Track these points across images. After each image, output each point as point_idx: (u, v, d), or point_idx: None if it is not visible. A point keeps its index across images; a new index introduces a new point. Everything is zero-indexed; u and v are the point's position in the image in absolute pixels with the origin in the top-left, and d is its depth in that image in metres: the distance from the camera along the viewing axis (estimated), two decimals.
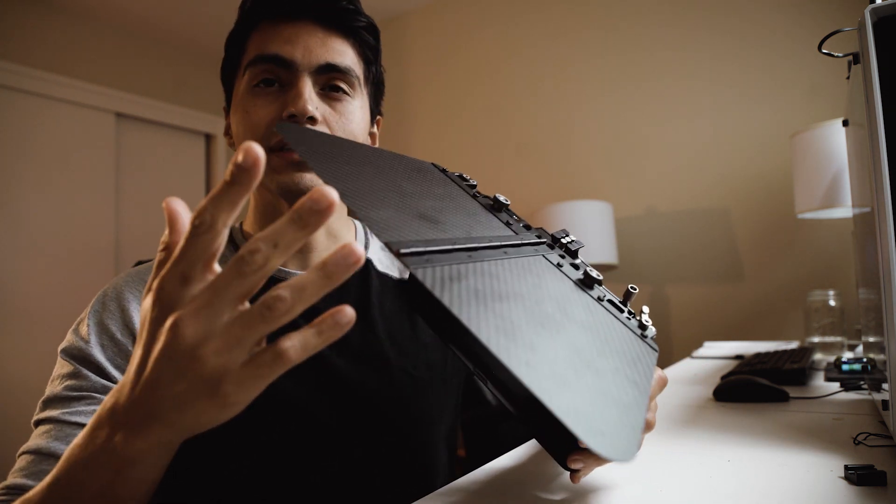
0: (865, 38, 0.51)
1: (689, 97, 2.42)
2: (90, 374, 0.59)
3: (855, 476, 0.48)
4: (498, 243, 0.44)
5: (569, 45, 2.73)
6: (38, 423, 0.58)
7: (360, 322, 0.69)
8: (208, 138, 3.70)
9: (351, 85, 0.67)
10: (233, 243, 0.71)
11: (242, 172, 0.31)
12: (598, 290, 0.49)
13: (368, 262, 0.74)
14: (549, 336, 0.36)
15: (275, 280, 0.67)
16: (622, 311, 0.50)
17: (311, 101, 0.63)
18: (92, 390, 0.58)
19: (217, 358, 0.32)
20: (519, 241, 0.48)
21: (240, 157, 0.31)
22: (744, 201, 2.29)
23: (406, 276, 0.76)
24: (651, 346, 0.48)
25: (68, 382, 0.58)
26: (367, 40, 0.69)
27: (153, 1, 3.00)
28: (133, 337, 0.61)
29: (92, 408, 0.56)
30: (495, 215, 0.53)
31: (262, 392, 0.33)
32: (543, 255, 0.49)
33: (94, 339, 0.60)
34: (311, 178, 0.64)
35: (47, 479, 0.39)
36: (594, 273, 0.50)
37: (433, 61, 3.14)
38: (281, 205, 0.67)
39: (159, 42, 3.41)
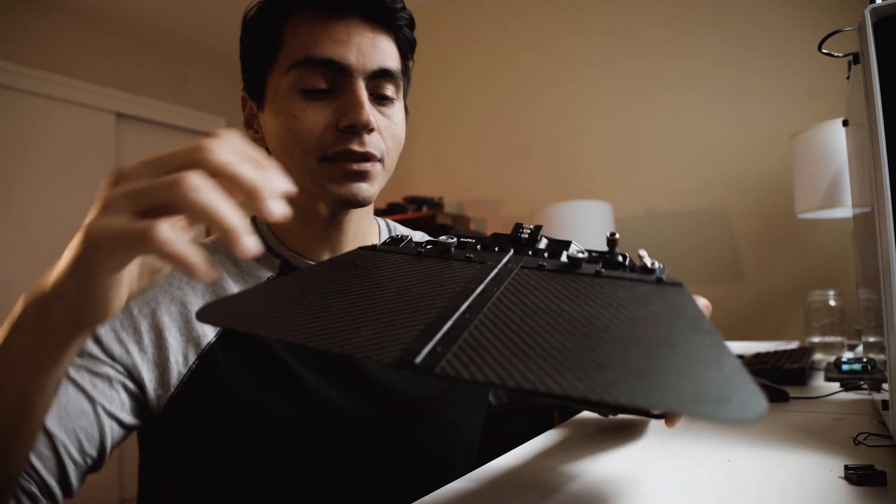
0: (865, 38, 0.51)
1: (689, 97, 2.42)
2: (90, 343, 0.57)
3: (855, 476, 0.48)
4: (479, 286, 0.41)
5: (569, 46, 2.73)
6: None
7: None
8: None
9: (397, 87, 0.66)
10: (257, 231, 0.70)
11: (232, 241, 0.32)
12: (588, 267, 0.45)
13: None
14: (600, 341, 0.34)
15: (290, 267, 0.67)
16: (622, 267, 0.45)
17: (371, 110, 0.61)
18: (84, 360, 0.57)
19: (101, 214, 0.33)
20: (493, 270, 0.44)
21: (244, 247, 0.32)
22: (744, 201, 2.29)
23: None
24: (673, 284, 0.42)
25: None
26: (408, 36, 0.67)
27: (153, 1, 3.00)
28: (151, 315, 0.60)
29: (82, 370, 0.56)
30: (449, 259, 0.48)
31: (290, 384, 0.33)
32: (523, 267, 0.45)
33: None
34: (366, 188, 0.63)
35: None
36: (575, 251, 0.47)
37: (434, 63, 3.14)
38: (318, 206, 0.66)
39: (159, 42, 3.41)
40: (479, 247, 0.50)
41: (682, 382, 0.30)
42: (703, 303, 0.48)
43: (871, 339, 0.73)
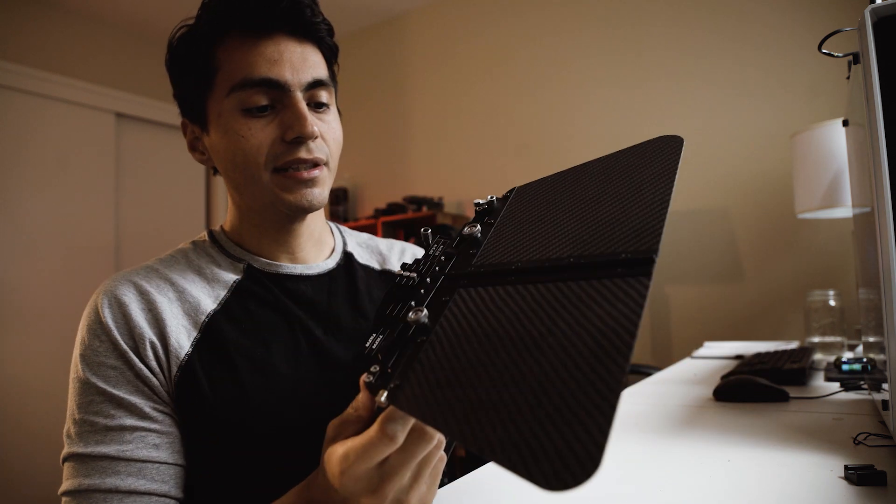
0: (865, 38, 0.51)
1: (689, 97, 2.42)
2: (126, 370, 0.60)
3: (855, 476, 0.48)
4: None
5: (569, 46, 2.73)
6: (88, 457, 0.58)
7: (351, 309, 0.72)
8: None
9: (330, 93, 0.69)
10: (215, 242, 0.73)
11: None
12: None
13: (350, 255, 0.78)
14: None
15: (283, 277, 0.70)
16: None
17: (310, 119, 0.65)
18: (133, 397, 0.60)
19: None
20: (431, 291, 0.44)
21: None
22: (744, 201, 2.29)
23: (386, 267, 0.79)
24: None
25: (107, 411, 0.60)
26: (330, 44, 0.71)
27: (153, 1, 3.01)
28: (133, 334, 0.62)
29: (137, 433, 0.59)
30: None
31: (266, 379, 0.34)
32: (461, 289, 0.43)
33: (117, 327, 0.61)
34: (317, 193, 0.66)
35: None
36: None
37: (433, 61, 3.14)
38: (274, 214, 0.69)
39: (159, 42, 3.41)
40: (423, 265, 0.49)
41: (509, 425, 0.29)
42: None
43: (871, 339, 0.73)
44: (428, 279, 0.45)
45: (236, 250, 0.72)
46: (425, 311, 0.41)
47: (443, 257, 0.47)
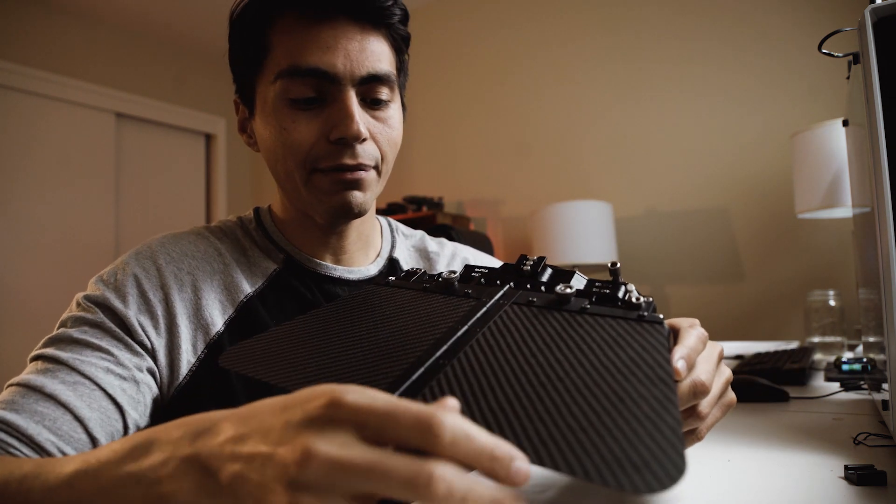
0: (865, 38, 0.51)
1: (689, 97, 2.42)
2: (113, 326, 0.56)
3: (855, 476, 0.48)
4: (464, 327, 0.43)
5: (569, 46, 2.73)
6: (38, 358, 0.55)
7: None
8: (208, 138, 3.70)
9: (391, 89, 0.63)
10: (260, 225, 0.69)
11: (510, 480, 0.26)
12: (576, 302, 0.45)
13: (395, 261, 0.74)
14: (549, 395, 0.34)
15: (322, 277, 0.67)
16: (614, 300, 0.45)
17: (362, 120, 0.59)
18: (110, 345, 0.55)
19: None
20: (483, 308, 0.46)
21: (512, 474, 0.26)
22: (744, 201, 2.29)
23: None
24: (653, 321, 0.42)
25: (86, 328, 0.56)
26: (401, 32, 0.64)
27: (153, 1, 3.00)
28: (165, 300, 0.59)
29: (105, 363, 0.54)
30: (450, 295, 0.49)
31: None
32: (513, 303, 0.46)
33: (129, 290, 0.58)
34: (359, 197, 0.61)
35: (55, 472, 0.36)
36: (566, 286, 0.46)
37: (435, 62, 3.14)
38: (314, 215, 0.65)
39: (159, 42, 3.41)
40: (482, 280, 0.51)
41: (602, 447, 0.30)
42: (695, 334, 0.45)
43: (871, 339, 0.73)
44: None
45: (279, 238, 0.68)
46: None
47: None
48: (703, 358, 0.44)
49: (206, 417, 0.31)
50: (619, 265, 0.47)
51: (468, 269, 0.52)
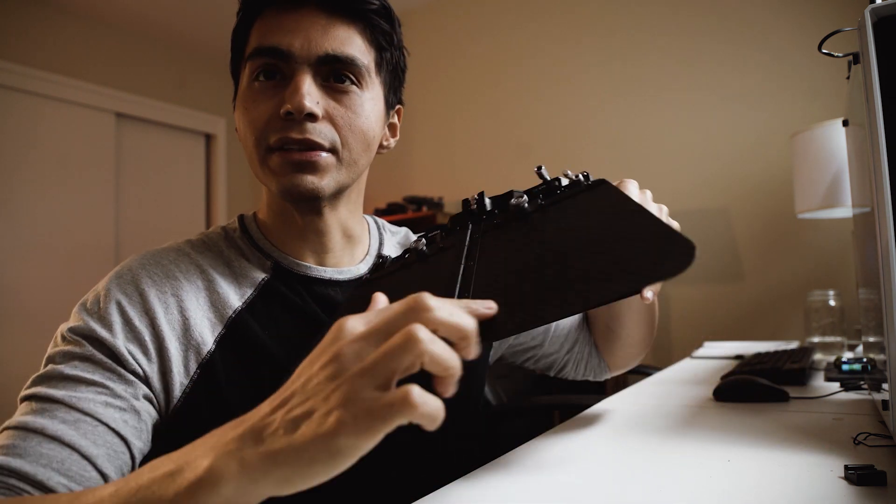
0: (865, 38, 0.51)
1: (689, 97, 2.42)
2: (104, 358, 0.55)
3: (855, 476, 0.48)
4: (460, 268, 0.50)
5: (569, 46, 2.73)
6: (31, 398, 0.53)
7: None
8: (208, 138, 3.70)
9: (358, 75, 0.62)
10: (245, 232, 0.69)
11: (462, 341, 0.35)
12: (532, 205, 0.53)
13: (384, 259, 0.74)
14: (566, 265, 0.41)
15: (312, 280, 0.67)
16: (558, 190, 0.54)
17: (310, 95, 0.59)
18: (103, 378, 0.54)
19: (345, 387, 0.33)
20: (464, 248, 0.53)
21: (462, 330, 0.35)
22: (743, 201, 2.29)
23: None
24: (597, 184, 0.50)
25: (76, 363, 0.54)
26: (378, 25, 0.64)
27: (153, 1, 3.00)
28: (151, 325, 0.58)
29: (102, 397, 0.53)
30: (428, 257, 0.57)
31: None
32: (483, 232, 0.54)
33: (114, 319, 0.57)
34: (311, 180, 0.60)
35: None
36: (516, 199, 0.54)
37: (433, 61, 3.14)
38: (284, 203, 0.66)
39: (159, 42, 3.41)
40: (443, 233, 0.58)
41: (625, 265, 0.37)
42: (632, 182, 0.58)
43: (871, 339, 0.73)
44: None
45: (265, 244, 0.67)
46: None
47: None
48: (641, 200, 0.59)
49: (228, 423, 0.37)
50: (543, 167, 0.56)
51: (424, 235, 0.58)
